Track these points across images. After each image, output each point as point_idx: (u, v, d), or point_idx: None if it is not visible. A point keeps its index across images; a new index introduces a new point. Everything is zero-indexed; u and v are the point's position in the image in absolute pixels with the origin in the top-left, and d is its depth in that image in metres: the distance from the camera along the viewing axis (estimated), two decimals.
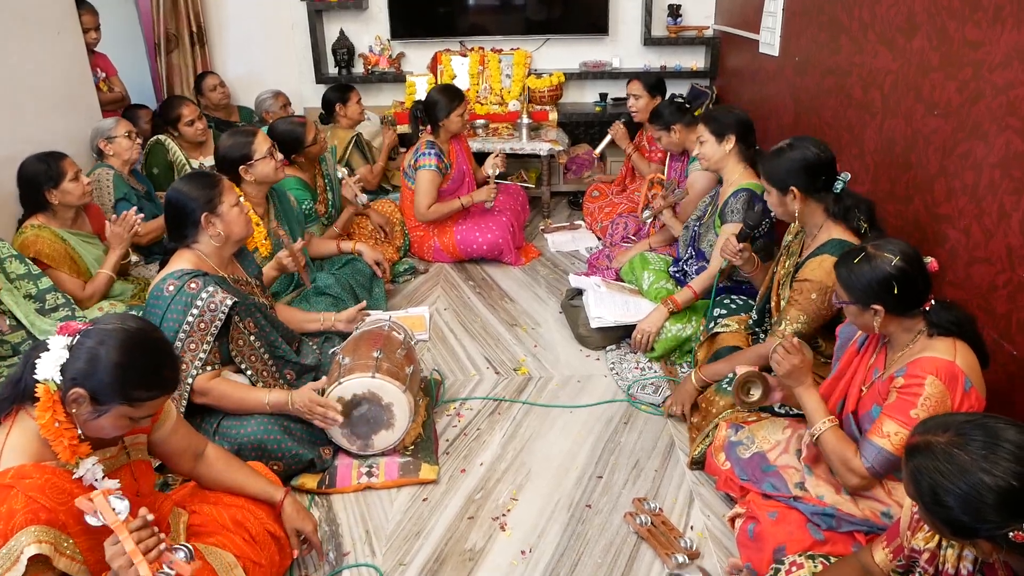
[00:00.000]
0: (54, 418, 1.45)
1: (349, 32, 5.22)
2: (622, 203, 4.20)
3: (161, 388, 1.54)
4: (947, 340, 1.72)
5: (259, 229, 2.89)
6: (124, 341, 1.49)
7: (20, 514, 1.36)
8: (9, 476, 1.40)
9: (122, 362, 1.47)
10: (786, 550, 1.78)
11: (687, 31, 5.04)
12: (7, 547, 1.34)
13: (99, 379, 1.46)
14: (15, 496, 1.37)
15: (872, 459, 1.74)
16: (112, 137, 3.41)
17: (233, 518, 1.84)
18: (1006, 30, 1.99)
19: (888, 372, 1.81)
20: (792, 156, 2.23)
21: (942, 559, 1.35)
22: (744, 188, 2.79)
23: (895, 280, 1.72)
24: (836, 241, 2.20)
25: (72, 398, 1.46)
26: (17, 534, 1.35)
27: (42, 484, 1.42)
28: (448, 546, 2.13)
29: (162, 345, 1.58)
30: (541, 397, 2.82)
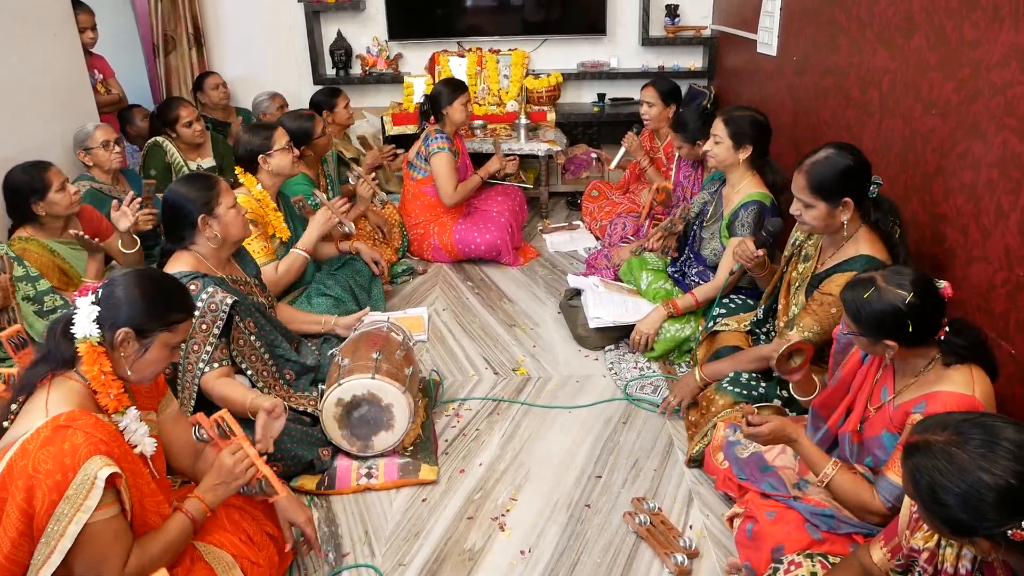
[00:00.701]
0: (101, 370, 1.56)
1: (347, 33, 5.22)
2: (622, 203, 4.20)
3: (188, 309, 1.71)
4: (963, 369, 1.67)
5: (277, 215, 2.95)
6: (145, 279, 1.64)
7: (84, 446, 1.44)
8: (63, 419, 1.47)
9: (153, 293, 1.62)
10: (784, 549, 1.78)
11: (685, 31, 5.05)
12: (79, 477, 1.42)
13: (139, 313, 1.59)
14: (74, 433, 1.45)
15: (891, 496, 1.69)
16: (89, 148, 3.36)
17: (231, 519, 1.84)
18: (1004, 30, 1.99)
19: (902, 398, 1.76)
20: (840, 162, 2.11)
21: (941, 558, 1.35)
22: (754, 200, 2.75)
23: (908, 318, 1.64)
24: (864, 257, 2.12)
25: (120, 339, 1.57)
26: (86, 463, 1.43)
27: (94, 423, 1.50)
28: (447, 546, 2.13)
29: (170, 277, 1.76)
30: (540, 397, 2.82)
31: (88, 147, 3.36)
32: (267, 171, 2.96)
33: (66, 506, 1.41)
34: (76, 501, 1.41)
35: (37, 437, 1.44)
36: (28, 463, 1.42)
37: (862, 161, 2.14)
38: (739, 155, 2.79)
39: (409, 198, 4.11)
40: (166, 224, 2.34)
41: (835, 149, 2.15)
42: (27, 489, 1.41)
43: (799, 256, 2.42)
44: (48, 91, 3.44)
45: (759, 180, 2.82)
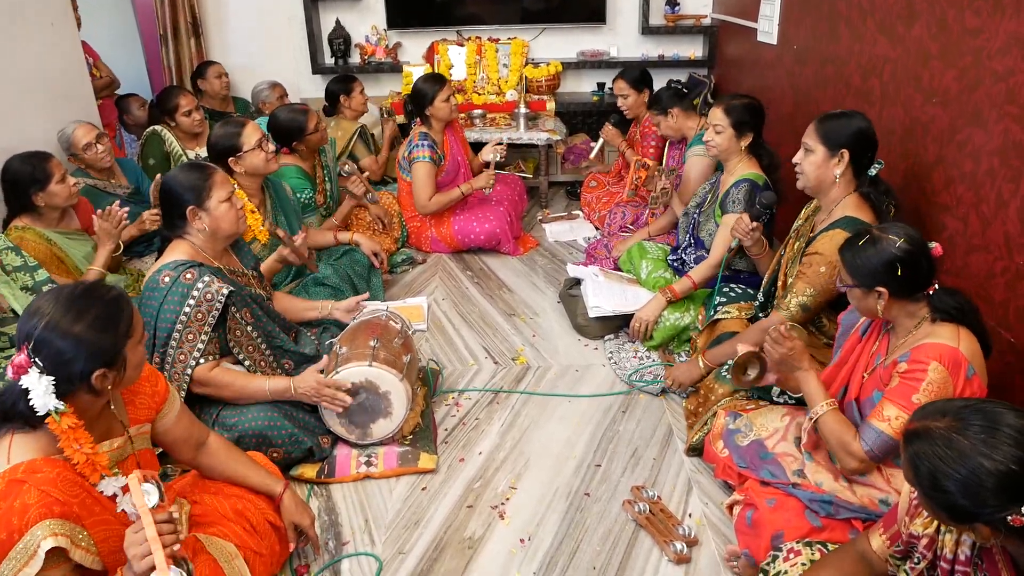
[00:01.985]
0: (77, 441, 1.44)
1: (345, 22, 5.20)
2: (619, 192, 4.19)
3: (122, 303, 1.53)
4: (951, 326, 1.72)
5: (254, 217, 2.86)
6: (71, 312, 1.44)
7: (34, 508, 1.36)
8: (21, 471, 1.39)
9: (92, 319, 1.45)
10: (784, 537, 1.79)
11: (685, 20, 5.03)
12: (23, 542, 1.34)
13: (97, 348, 1.45)
14: (28, 491, 1.37)
15: (872, 443, 1.74)
16: (75, 154, 3.32)
17: (234, 508, 1.84)
18: (1005, 18, 1.98)
19: (891, 357, 1.81)
20: (851, 120, 2.22)
21: (940, 544, 1.35)
22: (745, 179, 2.78)
23: (899, 262, 1.72)
24: (849, 218, 2.19)
25: (97, 383, 1.46)
26: (32, 528, 1.35)
27: (54, 478, 1.41)
28: (447, 535, 2.13)
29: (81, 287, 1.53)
30: (539, 386, 2.82)
31: (73, 153, 3.32)
32: (240, 170, 2.89)
33: (7, 567, 1.35)
34: (16, 565, 1.34)
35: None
36: None
37: (871, 131, 2.22)
38: (741, 143, 2.80)
39: (403, 196, 4.09)
40: (162, 210, 2.33)
41: (854, 112, 2.26)
42: None
43: (796, 236, 2.45)
44: (46, 80, 3.42)
45: (755, 163, 2.85)
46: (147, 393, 1.74)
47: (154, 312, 2.15)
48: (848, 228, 2.13)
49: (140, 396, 1.73)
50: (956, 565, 1.32)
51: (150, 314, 2.15)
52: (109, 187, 3.43)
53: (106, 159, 3.39)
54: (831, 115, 2.27)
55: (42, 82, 3.40)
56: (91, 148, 3.32)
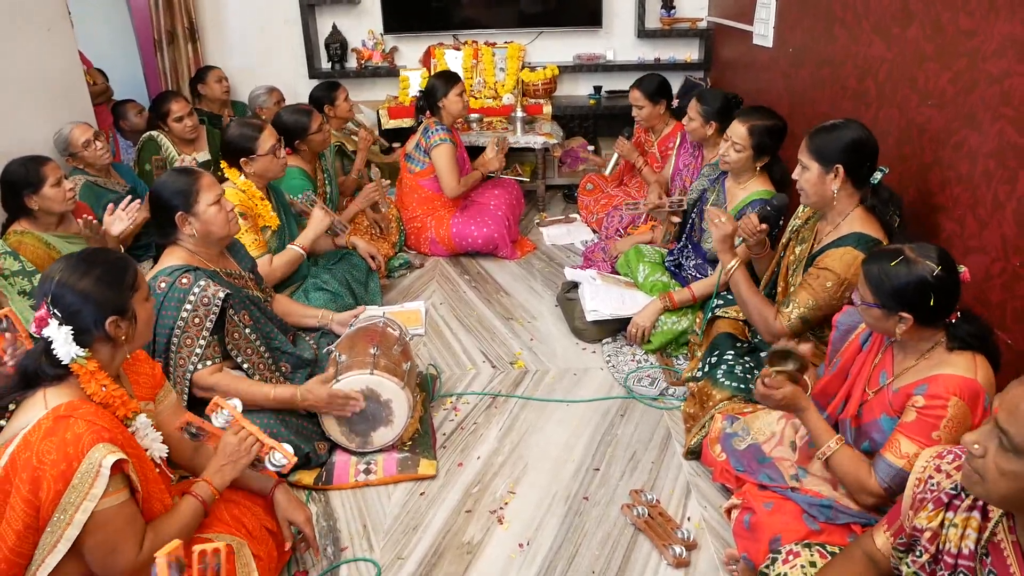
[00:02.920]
0: (99, 384, 1.55)
1: (342, 27, 5.20)
2: (617, 195, 4.20)
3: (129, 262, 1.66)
4: (966, 354, 1.66)
5: (264, 204, 2.94)
6: (79, 267, 1.56)
7: (86, 435, 1.44)
8: (63, 409, 1.47)
9: (99, 272, 1.57)
10: (782, 540, 1.78)
11: (681, 23, 5.04)
12: (84, 465, 1.41)
13: (106, 297, 1.56)
14: (75, 423, 1.45)
15: (889, 479, 1.69)
16: (73, 153, 3.34)
17: (231, 514, 1.84)
18: (1000, 19, 1.99)
19: (901, 382, 1.75)
20: (843, 133, 2.14)
21: (944, 538, 1.35)
22: (761, 199, 2.71)
23: (933, 290, 1.62)
24: (859, 235, 2.13)
25: (111, 329, 1.56)
26: (90, 451, 1.42)
27: (95, 411, 1.51)
28: (446, 540, 2.13)
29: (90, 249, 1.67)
30: (538, 390, 2.82)
31: (72, 152, 3.33)
32: (250, 171, 2.91)
33: (72, 495, 1.41)
34: (82, 489, 1.41)
35: (39, 428, 1.44)
36: (32, 455, 1.41)
37: (866, 140, 2.14)
38: (757, 164, 2.76)
39: (406, 191, 4.10)
40: (154, 218, 2.33)
41: (847, 121, 2.18)
42: (32, 480, 1.41)
43: (796, 239, 2.43)
44: (43, 85, 3.42)
45: (766, 178, 2.80)
46: (147, 373, 1.83)
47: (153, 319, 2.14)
48: (859, 246, 2.09)
49: (143, 376, 1.81)
50: (960, 559, 1.32)
51: None
52: (108, 184, 3.44)
53: (105, 156, 3.41)
54: (822, 128, 2.19)
55: (39, 85, 3.40)
56: (90, 145, 3.34)
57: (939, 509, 1.36)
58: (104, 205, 3.26)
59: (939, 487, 1.37)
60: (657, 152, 3.94)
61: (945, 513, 1.35)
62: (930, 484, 1.39)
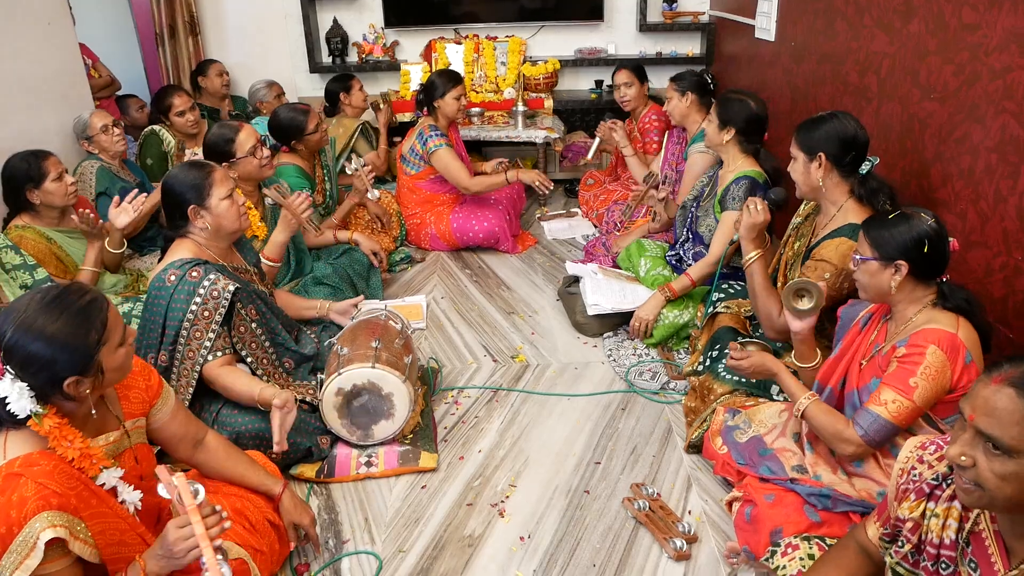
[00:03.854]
0: (64, 441, 1.45)
1: (343, 21, 5.19)
2: (616, 190, 4.20)
3: (99, 305, 1.50)
4: (951, 314, 1.73)
5: (253, 212, 2.85)
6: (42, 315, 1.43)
7: (32, 501, 1.36)
8: (17, 465, 1.39)
9: (65, 324, 1.43)
10: (783, 532, 1.79)
11: (682, 17, 5.03)
12: (23, 535, 1.34)
13: (69, 355, 1.43)
14: (25, 484, 1.37)
15: (867, 427, 1.74)
16: (90, 136, 3.38)
17: (233, 507, 1.84)
18: (1003, 13, 1.98)
19: (889, 344, 1.81)
20: (829, 124, 2.21)
21: (925, 528, 1.35)
22: (745, 175, 2.77)
23: (928, 239, 1.72)
24: (853, 225, 2.18)
25: (71, 390, 1.45)
26: (31, 520, 1.35)
27: (51, 470, 1.41)
28: (447, 533, 2.13)
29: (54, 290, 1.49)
30: (539, 384, 2.82)
31: (89, 136, 3.37)
32: (234, 177, 2.81)
33: (8, 560, 1.35)
34: (17, 558, 1.34)
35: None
36: None
37: (850, 130, 2.19)
38: (722, 136, 2.82)
39: (404, 191, 4.09)
40: (165, 210, 2.33)
41: (835, 113, 2.24)
42: None
43: (795, 235, 2.44)
44: (43, 80, 3.43)
45: (752, 161, 2.84)
46: (140, 387, 1.75)
47: (162, 311, 2.15)
48: (854, 236, 2.12)
49: (134, 391, 1.73)
50: (942, 549, 1.33)
51: (158, 313, 2.16)
52: (122, 173, 3.46)
53: (121, 143, 3.45)
54: (810, 120, 2.27)
55: (40, 80, 3.40)
56: (108, 130, 3.40)
57: (921, 499, 1.37)
58: (120, 190, 3.29)
59: (921, 477, 1.38)
60: (638, 132, 4.05)
61: (927, 503, 1.36)
62: (912, 475, 1.40)
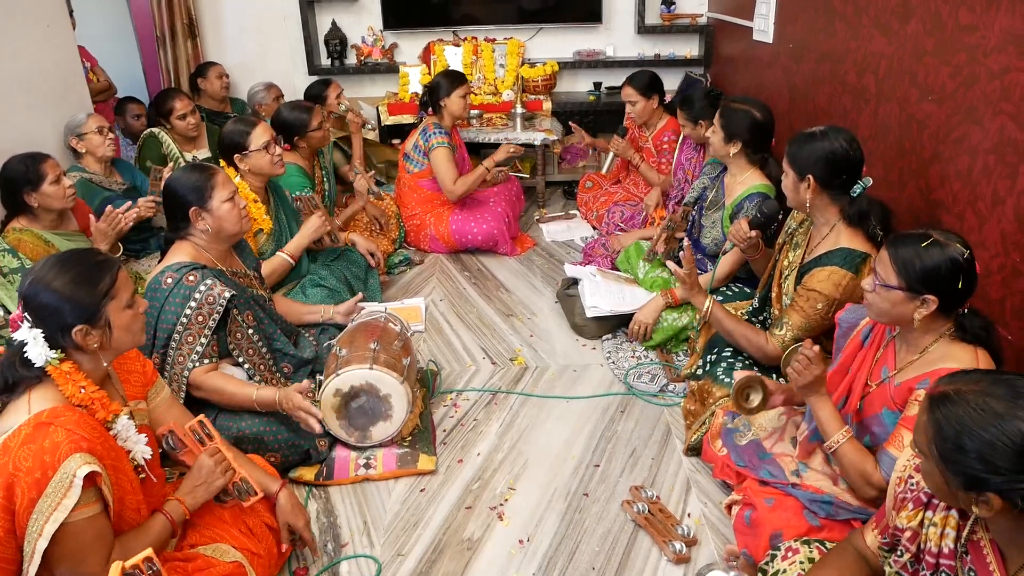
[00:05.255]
0: (77, 386, 1.53)
1: (341, 23, 5.19)
2: (617, 192, 4.19)
3: (110, 264, 1.61)
4: (969, 349, 1.66)
5: (256, 207, 2.88)
6: (55, 270, 1.54)
7: (64, 444, 1.42)
8: (45, 415, 1.46)
9: (72, 277, 1.53)
10: (783, 536, 1.79)
11: (681, 19, 5.03)
12: (59, 475, 1.40)
13: (75, 305, 1.52)
14: (55, 431, 1.44)
15: (892, 471, 1.66)
16: (82, 134, 3.36)
17: (231, 512, 1.84)
18: (1000, 14, 1.98)
19: (904, 376, 1.75)
20: (819, 144, 2.13)
21: (924, 538, 1.35)
22: (759, 192, 2.72)
23: (963, 273, 1.59)
24: (845, 251, 2.13)
25: (79, 338, 1.52)
26: (65, 461, 1.41)
27: (76, 419, 1.49)
28: (446, 536, 2.13)
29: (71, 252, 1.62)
30: (538, 387, 2.82)
31: (81, 133, 3.35)
32: (244, 168, 2.89)
33: (44, 504, 1.39)
34: (55, 499, 1.39)
35: (18, 435, 1.43)
36: (9, 461, 1.41)
37: (843, 152, 2.11)
38: (729, 148, 2.77)
39: (405, 190, 4.09)
40: (166, 212, 2.34)
41: (827, 130, 2.17)
42: (7, 487, 1.40)
43: (790, 243, 2.42)
44: (42, 82, 3.42)
45: (761, 173, 2.79)
46: (137, 371, 1.81)
47: (155, 313, 2.15)
48: (845, 264, 2.09)
49: (133, 374, 1.80)
50: (940, 558, 1.32)
51: (151, 315, 2.15)
52: (105, 182, 3.44)
53: (109, 149, 3.43)
54: (802, 136, 2.19)
55: (39, 82, 3.39)
56: (102, 132, 3.39)
57: (918, 508, 1.36)
58: (99, 202, 3.27)
59: (918, 486, 1.37)
60: (652, 147, 3.95)
61: (924, 512, 1.36)
62: (910, 484, 1.40)
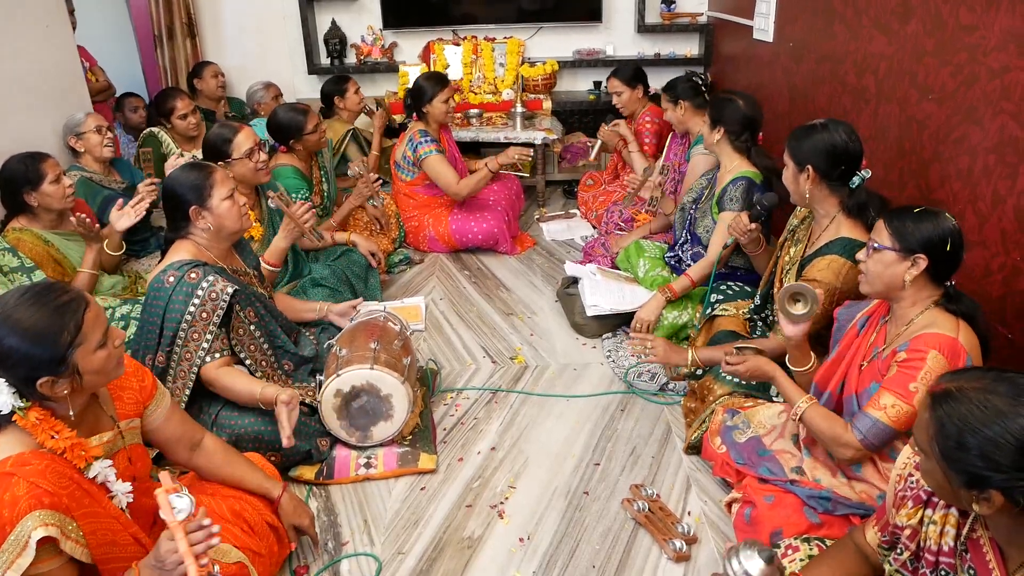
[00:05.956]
0: (48, 434, 1.45)
1: (341, 22, 5.19)
2: (616, 191, 4.20)
3: (77, 304, 1.48)
4: (952, 318, 1.71)
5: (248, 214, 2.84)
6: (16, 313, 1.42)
7: (24, 499, 1.36)
8: (9, 464, 1.39)
9: (36, 323, 1.42)
10: (783, 534, 1.79)
11: (681, 18, 5.03)
12: (14, 534, 1.34)
13: (39, 355, 1.42)
14: (17, 483, 1.37)
15: (866, 431, 1.73)
16: (81, 133, 3.37)
17: (231, 509, 1.84)
18: (1000, 14, 1.98)
19: (890, 347, 1.79)
20: (819, 136, 2.16)
21: (924, 536, 1.36)
22: (743, 176, 2.76)
23: (952, 237, 1.69)
24: (844, 240, 2.15)
25: (45, 389, 1.44)
26: (23, 519, 1.35)
27: (43, 469, 1.41)
28: (447, 534, 2.13)
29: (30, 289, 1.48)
30: (538, 385, 2.82)
31: (80, 132, 3.36)
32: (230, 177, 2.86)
33: (1, 558, 1.35)
34: (8, 558, 1.34)
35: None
36: None
37: (841, 143, 2.14)
38: (713, 136, 2.82)
39: (401, 197, 4.09)
40: (166, 212, 2.34)
41: (827, 122, 2.19)
42: None
43: (791, 240, 2.43)
44: (41, 82, 3.42)
45: (748, 162, 2.82)
46: (134, 388, 1.74)
47: (160, 312, 2.15)
48: (844, 253, 2.12)
49: (127, 391, 1.73)
50: (940, 556, 1.33)
51: (156, 314, 2.16)
52: (104, 181, 3.44)
53: (108, 150, 3.43)
54: (802, 128, 2.22)
55: (38, 82, 3.39)
56: (101, 132, 3.39)
57: (918, 506, 1.37)
58: (100, 201, 3.27)
59: (918, 484, 1.38)
60: (633, 131, 4.04)
61: (924, 510, 1.36)
62: (910, 481, 1.40)
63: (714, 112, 2.82)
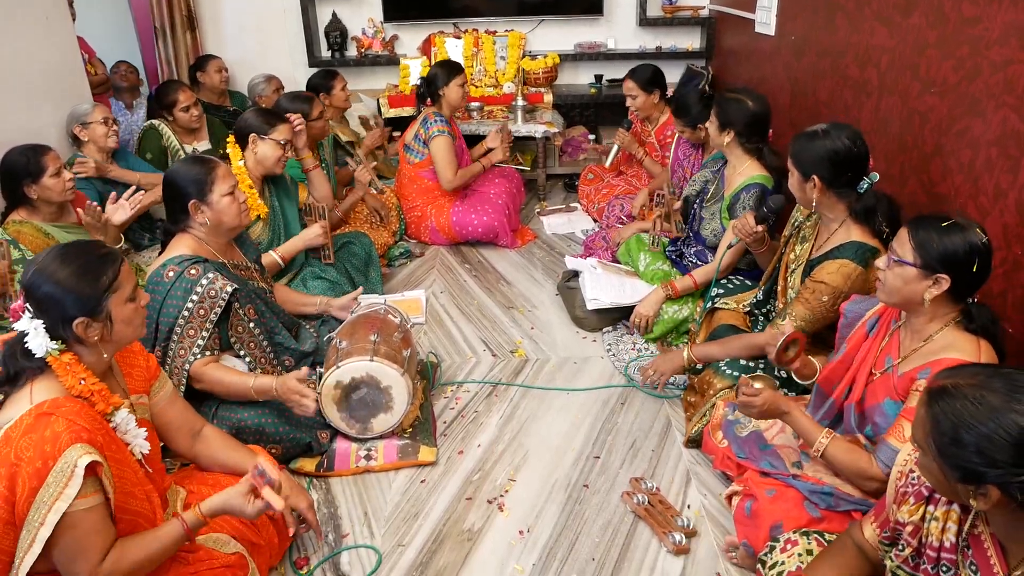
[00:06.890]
0: (77, 378, 1.53)
1: (342, 15, 5.18)
2: (619, 185, 4.19)
3: (113, 257, 1.60)
4: (972, 339, 1.66)
5: (252, 193, 2.88)
6: (58, 260, 1.54)
7: (64, 434, 1.43)
8: (46, 406, 1.47)
9: (75, 268, 1.53)
10: (783, 527, 1.79)
11: (682, 11, 5.02)
12: (59, 464, 1.40)
13: (77, 297, 1.52)
14: (56, 420, 1.44)
15: (891, 462, 1.65)
16: (87, 123, 3.38)
17: None
18: (1003, 7, 1.98)
19: (907, 365, 1.75)
20: (822, 144, 2.10)
21: (925, 532, 1.35)
22: (756, 183, 2.72)
23: (980, 256, 1.61)
24: (856, 244, 2.11)
25: (80, 330, 1.52)
26: (66, 451, 1.41)
27: (77, 410, 1.49)
28: (447, 527, 2.14)
29: (76, 242, 1.62)
30: (538, 379, 2.82)
31: (86, 122, 3.37)
32: (252, 152, 2.91)
33: (46, 493, 1.39)
34: (56, 489, 1.39)
35: (20, 425, 1.43)
36: (11, 451, 1.41)
37: (846, 150, 2.09)
38: (723, 138, 2.77)
39: (406, 181, 4.09)
40: (165, 203, 2.33)
41: (829, 128, 2.14)
42: (9, 477, 1.40)
43: (797, 237, 2.41)
44: (41, 75, 3.41)
45: (758, 164, 2.78)
46: (141, 365, 1.80)
47: (157, 307, 2.15)
48: (855, 258, 2.09)
49: (136, 368, 1.79)
50: (942, 552, 1.33)
51: (153, 308, 2.15)
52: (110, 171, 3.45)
53: (111, 140, 3.45)
54: (804, 135, 2.17)
55: (38, 74, 3.39)
56: (107, 123, 3.41)
57: (920, 503, 1.37)
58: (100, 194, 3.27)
59: (920, 480, 1.37)
60: (655, 141, 3.93)
61: (926, 507, 1.36)
62: (911, 478, 1.40)
63: (722, 113, 2.75)
